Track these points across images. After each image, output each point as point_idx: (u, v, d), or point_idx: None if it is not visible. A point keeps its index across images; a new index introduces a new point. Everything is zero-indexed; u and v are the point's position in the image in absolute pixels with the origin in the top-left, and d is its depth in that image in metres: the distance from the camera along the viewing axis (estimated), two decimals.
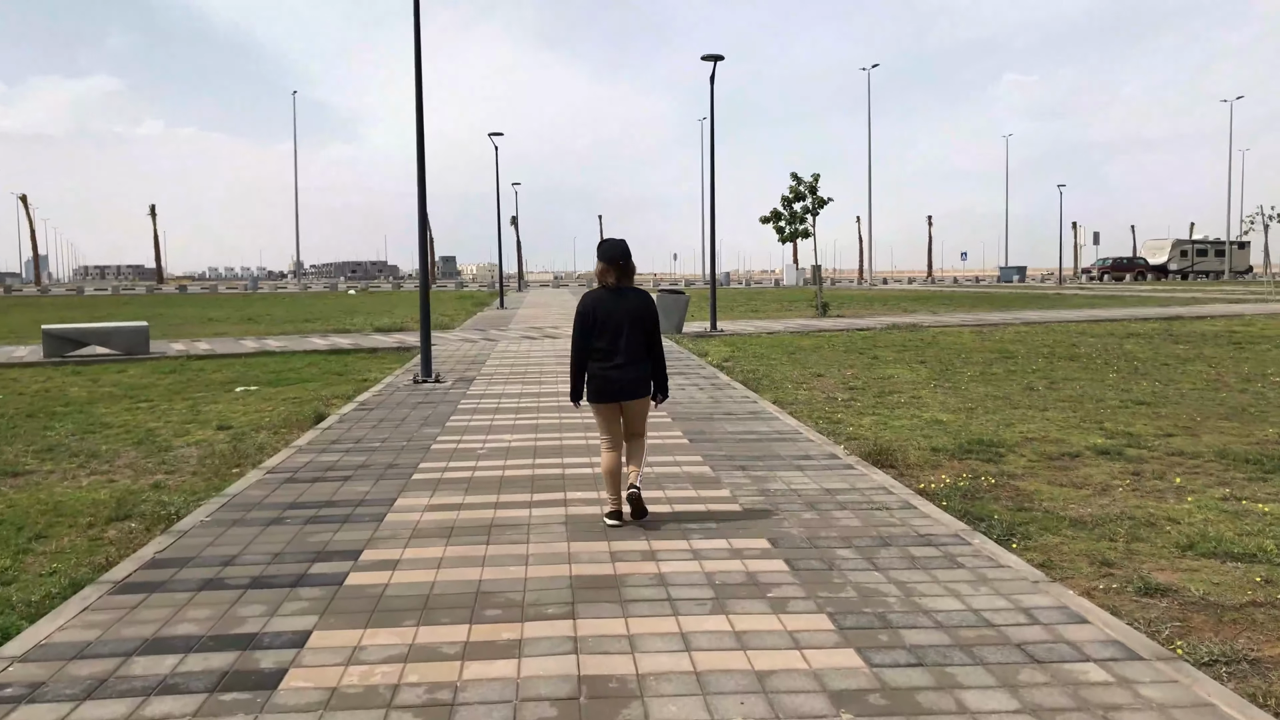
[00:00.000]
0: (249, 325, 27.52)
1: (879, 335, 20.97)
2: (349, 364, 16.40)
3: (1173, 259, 75.81)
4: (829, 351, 17.62)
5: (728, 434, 9.00)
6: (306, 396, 12.39)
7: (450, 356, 16.86)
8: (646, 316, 5.87)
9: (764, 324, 25.15)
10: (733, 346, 18.71)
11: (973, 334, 21.24)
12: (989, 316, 27.26)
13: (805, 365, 15.40)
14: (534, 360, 16.07)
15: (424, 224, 13.45)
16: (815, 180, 26.79)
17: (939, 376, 13.77)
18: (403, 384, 13.03)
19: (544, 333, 22.61)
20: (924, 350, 17.61)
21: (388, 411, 10.61)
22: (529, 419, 9.99)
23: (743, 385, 12.66)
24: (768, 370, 14.63)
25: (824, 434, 9.17)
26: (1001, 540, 5.66)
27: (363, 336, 21.88)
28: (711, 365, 15.18)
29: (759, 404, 10.92)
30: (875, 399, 11.64)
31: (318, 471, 7.55)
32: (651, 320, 5.91)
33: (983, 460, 8.06)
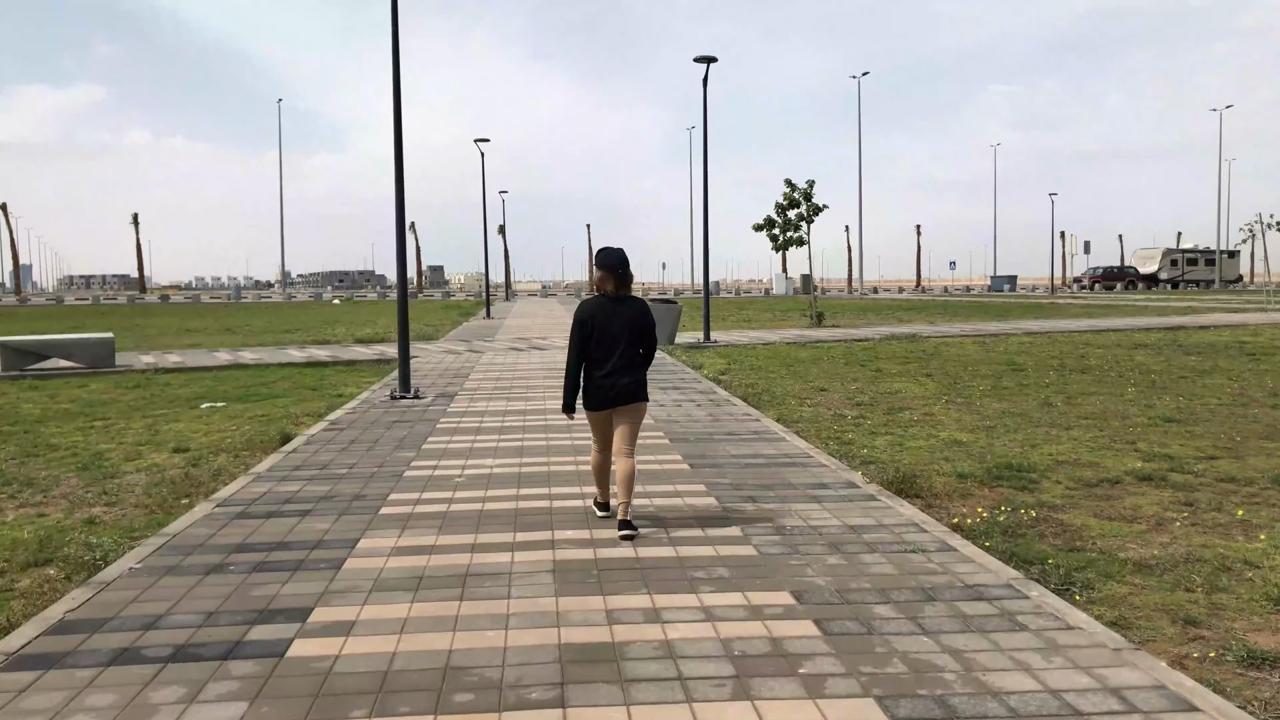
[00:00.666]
0: (226, 336, 26.61)
1: (879, 346, 20.22)
2: (325, 378, 15.54)
3: (1163, 268, 75.54)
4: (829, 364, 16.85)
5: (732, 458, 8.19)
6: (275, 414, 11.54)
7: (432, 370, 16.01)
8: (644, 325, 5.88)
9: (758, 334, 24.39)
10: (728, 359, 17.92)
11: (975, 345, 20.51)
12: (988, 326, 26.57)
13: (806, 379, 14.61)
14: (520, 374, 15.24)
15: (401, 233, 12.63)
16: (810, 187, 26.09)
17: (949, 391, 13.00)
18: (379, 400, 12.18)
19: (531, 344, 21.78)
20: (928, 362, 16.86)
21: (360, 432, 9.76)
22: (513, 440, 9.16)
23: (743, 401, 11.86)
24: (767, 384, 13.83)
25: (837, 457, 8.37)
26: (1061, 590, 4.87)
27: (342, 348, 21.01)
28: (708, 379, 14.38)
29: (762, 422, 10.12)
30: (885, 416, 10.86)
31: (275, 504, 6.70)
32: (649, 329, 5.94)
33: (1016, 488, 7.28)
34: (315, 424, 10.44)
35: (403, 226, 12.54)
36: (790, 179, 26.35)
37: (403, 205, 12.56)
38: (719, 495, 6.81)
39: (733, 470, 7.68)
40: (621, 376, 5.79)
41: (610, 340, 5.78)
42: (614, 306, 5.82)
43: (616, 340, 5.78)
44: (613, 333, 5.78)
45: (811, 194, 26.15)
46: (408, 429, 9.88)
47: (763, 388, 13.40)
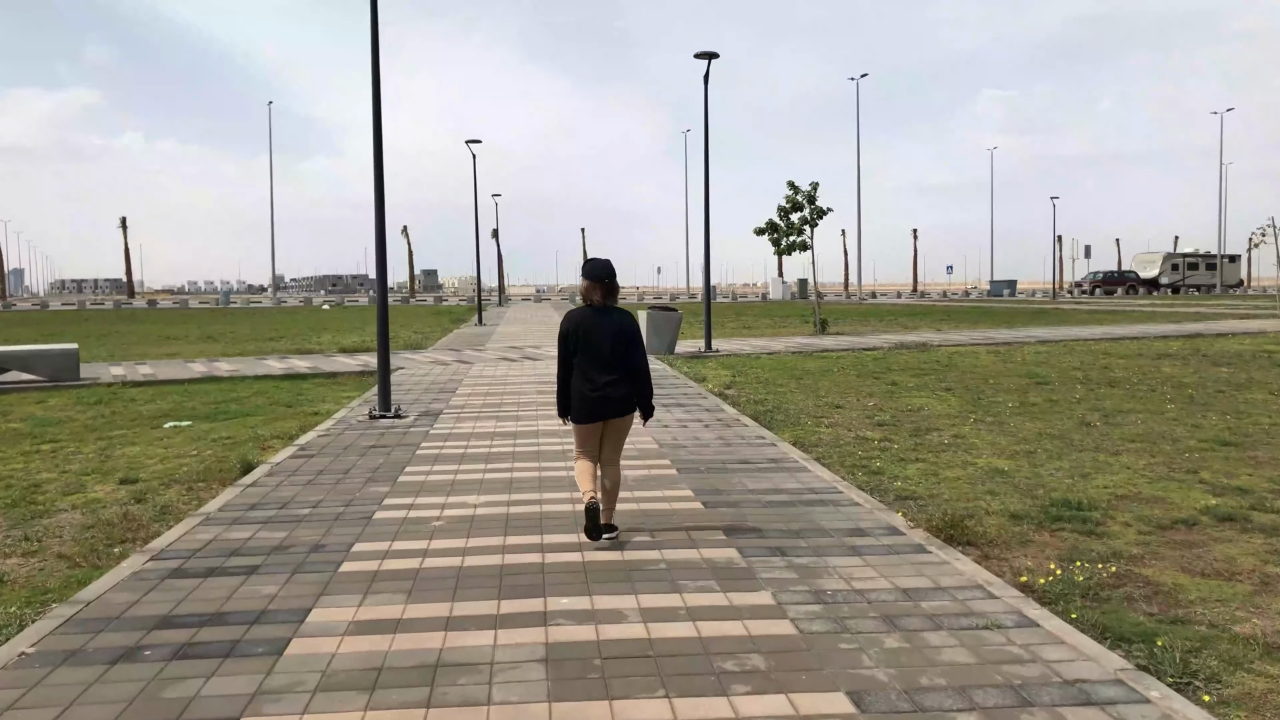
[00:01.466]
0: (207, 345, 25.55)
1: (889, 356, 19.24)
2: (302, 392, 14.51)
3: (1164, 272, 74.81)
4: (840, 376, 15.86)
5: (750, 494, 7.19)
6: (242, 436, 10.52)
7: (417, 384, 14.99)
8: (630, 335, 5.84)
9: (761, 343, 23.41)
10: (732, 370, 16.93)
11: (989, 354, 19.55)
12: (997, 334, 25.63)
13: (818, 393, 13.63)
14: (511, 388, 14.23)
15: (381, 239, 11.62)
16: (814, 189, 25.10)
17: (974, 408, 12.03)
18: (357, 420, 11.17)
19: (524, 354, 20.77)
20: (944, 374, 15.89)
21: (331, 459, 8.75)
22: (502, 471, 8.15)
23: (754, 421, 10.87)
24: (778, 400, 12.85)
25: (869, 491, 7.39)
26: (1182, 685, 3.89)
27: (325, 358, 19.98)
28: (712, 393, 13.38)
29: (778, 447, 9.13)
30: (912, 438, 9.87)
31: (219, 557, 5.69)
32: (634, 339, 5.87)
33: (1080, 532, 6.30)
34: (283, 449, 9.43)
35: (382, 232, 11.53)
36: (793, 181, 25.40)
37: (382, 210, 11.57)
38: (742, 546, 5.81)
39: (754, 510, 6.68)
40: (609, 389, 5.77)
41: (596, 351, 5.77)
42: (599, 317, 5.82)
43: (602, 351, 5.77)
44: (598, 343, 5.77)
45: (815, 196, 25.17)
46: (384, 456, 8.87)
47: (773, 404, 12.41)
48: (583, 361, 5.80)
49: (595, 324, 5.80)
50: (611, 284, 5.89)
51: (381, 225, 11.47)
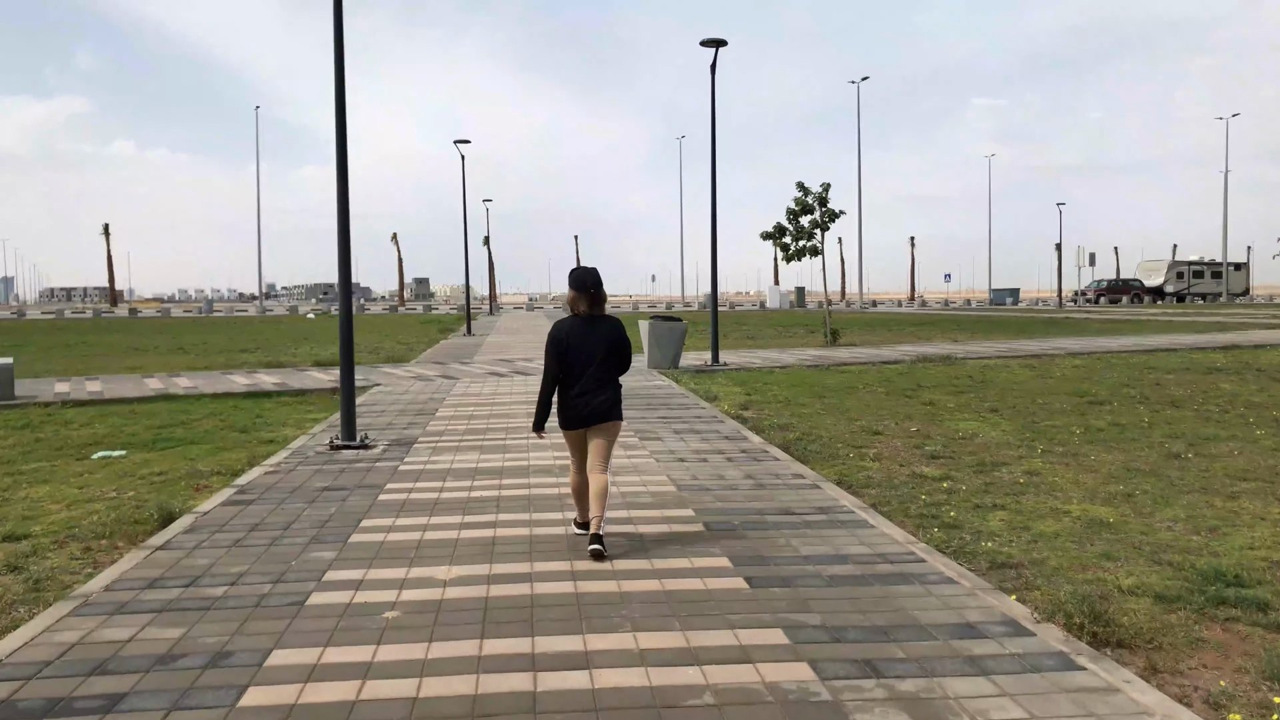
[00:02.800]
0: (176, 357, 23.82)
1: (914, 370, 17.60)
2: (262, 413, 12.81)
3: (1169, 281, 73.47)
4: (867, 394, 14.22)
5: (805, 564, 5.53)
6: (178, 471, 8.83)
7: (392, 404, 13.29)
8: (619, 345, 5.89)
9: (770, 355, 21.76)
10: (745, 386, 15.28)
11: (1023, 368, 17.93)
12: (1021, 345, 24.02)
13: (848, 415, 11.99)
14: (499, 409, 12.54)
15: (345, 240, 9.94)
16: (825, 191, 23.49)
17: (1033, 434, 10.40)
18: (316, 450, 9.48)
19: (514, 367, 19.07)
20: (983, 391, 14.27)
21: (272, 507, 7.06)
22: (482, 527, 6.47)
23: (784, 452, 9.21)
24: (805, 424, 11.19)
25: (955, 557, 5.73)
26: None
27: (297, 372, 18.26)
28: (729, 416, 11.73)
29: (823, 490, 7.47)
30: (978, 475, 8.23)
31: (72, 678, 4.01)
32: (623, 348, 5.92)
33: (1258, 624, 4.65)
34: (219, 491, 7.74)
35: (346, 237, 9.86)
36: (802, 182, 23.80)
37: (346, 212, 9.91)
38: (815, 659, 4.13)
39: (816, 592, 5.01)
40: (595, 395, 5.80)
41: (585, 360, 5.79)
42: (588, 326, 5.84)
43: (591, 360, 5.79)
44: (587, 352, 5.79)
45: (827, 198, 23.56)
46: (338, 503, 7.17)
47: (801, 429, 10.75)
48: (570, 370, 5.80)
49: (584, 333, 5.81)
50: (598, 293, 5.86)
51: (345, 228, 9.80)
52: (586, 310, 5.84)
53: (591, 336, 5.80)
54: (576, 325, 5.84)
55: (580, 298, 5.84)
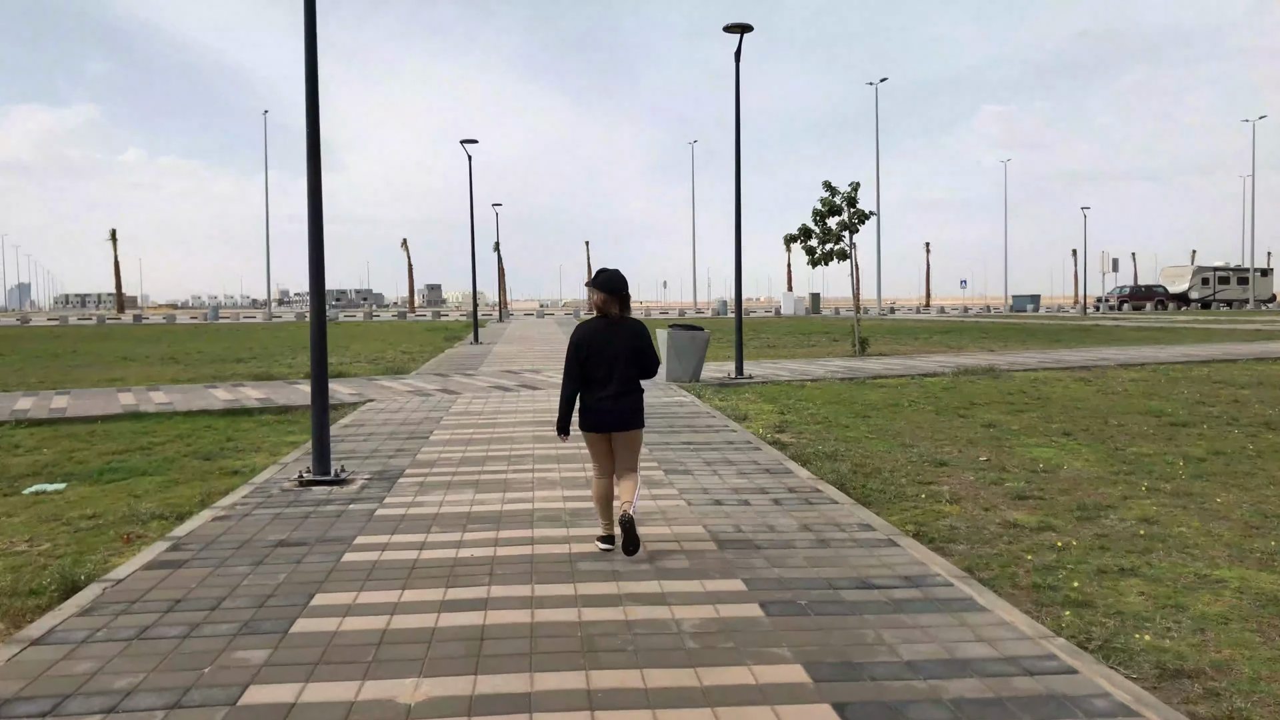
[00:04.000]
0: (165, 367, 22.41)
1: (960, 385, 16.03)
2: (236, 435, 11.35)
3: (1194, 287, 71.67)
4: (915, 412, 12.68)
5: (910, 675, 4.00)
6: (114, 514, 7.37)
7: (383, 425, 11.80)
8: (642, 348, 5.79)
9: (796, 366, 20.21)
10: (776, 403, 13.75)
11: (1077, 383, 16.35)
12: (1065, 356, 22.40)
13: (900, 438, 10.46)
14: (501, 431, 11.05)
15: (318, 232, 8.43)
16: (855, 190, 21.95)
17: (1124, 465, 8.86)
18: (282, 487, 7.99)
19: (521, 380, 17.56)
20: (1044, 410, 12.71)
21: (206, 572, 5.57)
22: (470, 608, 4.96)
23: (839, 490, 7.69)
24: (855, 451, 9.67)
25: (1107, 659, 4.20)
26: None
27: (285, 386, 16.80)
28: (764, 441, 10.20)
29: (901, 547, 5.94)
30: (1082, 523, 6.69)
31: None
32: (647, 352, 5.81)
33: None
34: (151, 544, 6.27)
35: (319, 232, 8.37)
36: (829, 181, 22.26)
37: (318, 202, 8.43)
38: None
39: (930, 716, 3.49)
40: (618, 401, 5.71)
41: (608, 363, 5.70)
42: (611, 328, 5.74)
43: (614, 363, 5.70)
44: (610, 355, 5.70)
45: (856, 198, 22.02)
46: (290, 567, 5.67)
47: (853, 459, 9.22)
48: (593, 373, 5.72)
49: (607, 335, 5.73)
50: (623, 295, 5.75)
51: (318, 227, 8.31)
52: (619, 313, 5.74)
53: (614, 340, 5.71)
54: (599, 328, 5.74)
55: (611, 300, 5.71)
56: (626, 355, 5.72)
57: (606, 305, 5.73)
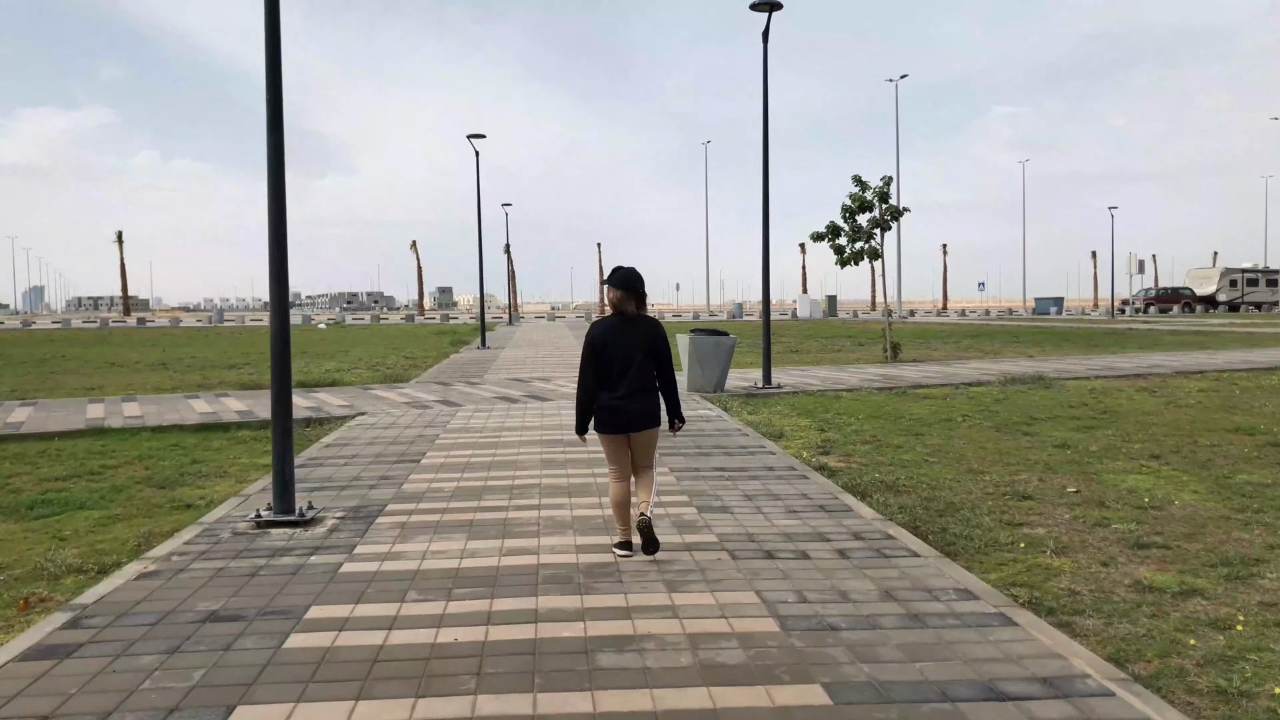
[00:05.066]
0: (152, 375, 21.11)
1: (1012, 396, 14.55)
2: (203, 456, 9.99)
3: (1221, 289, 69.76)
4: (971, 429, 11.23)
5: None
6: (24, 564, 6.00)
7: (370, 444, 10.41)
8: (658, 346, 5.69)
9: (826, 373, 18.74)
10: (813, 417, 12.31)
11: (1140, 393, 14.85)
12: (1115, 363, 20.87)
13: (965, 462, 9.02)
14: (504, 454, 9.65)
15: (279, 193, 7.02)
16: (886, 185, 20.49)
17: (1233, 494, 7.43)
18: (236, 529, 6.60)
19: (529, 389, 16.15)
20: (1118, 426, 11.24)
21: (106, 661, 4.18)
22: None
23: (913, 535, 6.26)
24: (917, 479, 8.23)
25: None
26: None
27: None
28: (809, 466, 8.78)
29: (1022, 626, 4.50)
30: (1237, 586, 5.25)
31: None
32: (663, 349, 5.72)
33: None
34: (47, 616, 4.89)
35: (281, 195, 6.97)
36: (859, 176, 20.80)
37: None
38: None
39: None
40: (635, 400, 5.59)
41: (623, 362, 5.58)
42: (626, 326, 5.65)
43: (629, 361, 5.59)
44: (625, 354, 5.59)
45: (888, 194, 20.56)
46: (218, 653, 4.26)
47: (918, 490, 7.78)
48: (609, 372, 5.60)
49: (623, 333, 5.62)
50: (639, 292, 5.68)
51: (280, 204, 6.92)
52: (635, 310, 5.66)
53: (629, 338, 5.62)
54: (614, 326, 5.67)
55: (627, 297, 5.64)
56: (642, 353, 5.61)
57: (623, 303, 5.63)
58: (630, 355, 5.59)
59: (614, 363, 5.59)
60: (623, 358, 5.58)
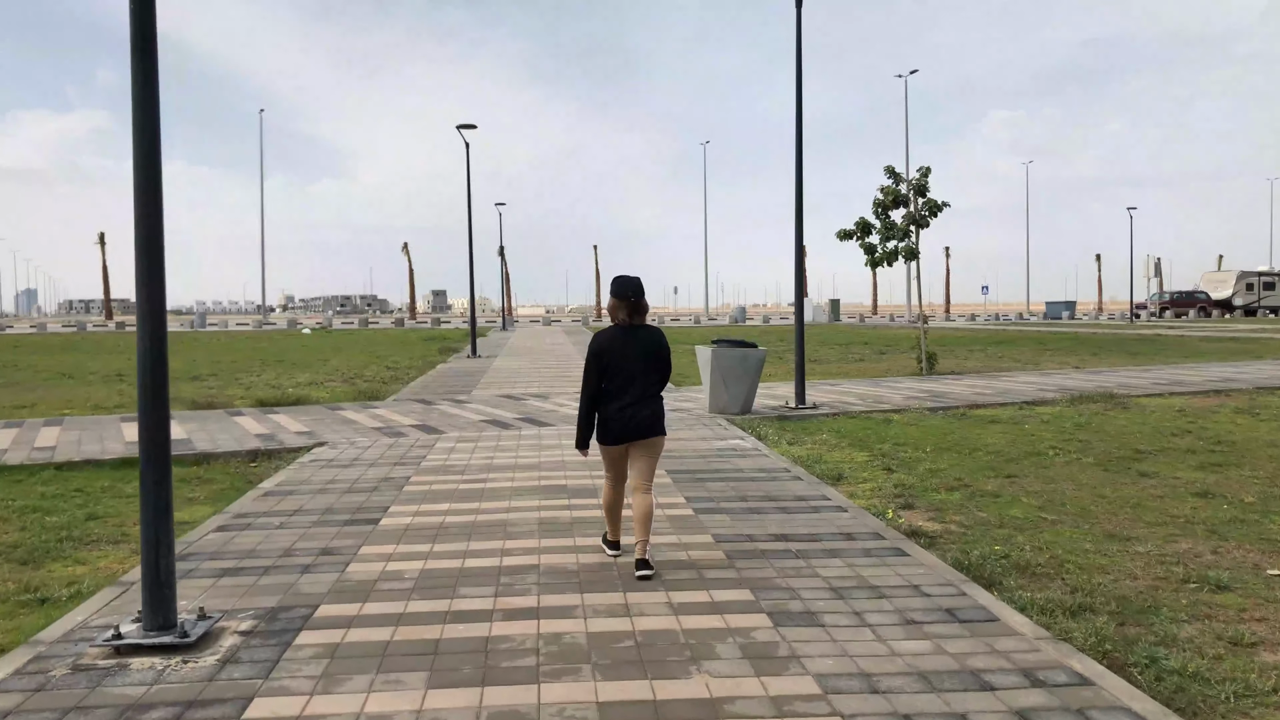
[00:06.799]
0: (102, 388, 18.86)
1: (1092, 419, 12.36)
2: (105, 508, 7.77)
3: (1237, 293, 67.82)
4: (1064, 464, 9.07)
5: None
6: None
7: (321, 492, 8.18)
8: (661, 355, 5.66)
9: (858, 388, 16.55)
10: (868, 449, 10.13)
11: (1243, 417, 12.69)
12: (1180, 375, 18.70)
13: (1093, 519, 6.87)
14: (491, 510, 7.44)
15: (152, 179, 4.81)
16: (924, 176, 18.34)
17: None
18: (79, 659, 4.39)
19: (523, 409, 13.91)
20: (1250, 461, 9.10)
21: None
22: None
23: (1112, 673, 4.06)
24: (1049, 552, 6.04)
25: None
26: None
27: (225, 417, 13.18)
28: (889, 524, 6.59)
29: None
30: None
31: None
32: (665, 359, 5.70)
33: None
34: None
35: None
36: (892, 167, 18.64)
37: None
38: None
39: None
40: (639, 409, 5.53)
41: (626, 372, 5.53)
42: (629, 336, 5.59)
43: (633, 371, 5.54)
44: (629, 364, 5.54)
45: (926, 187, 18.39)
46: None
47: (1069, 576, 5.59)
48: (611, 383, 5.53)
49: (625, 343, 5.57)
50: (638, 302, 5.61)
51: (154, 164, 4.71)
52: (626, 319, 5.59)
53: (632, 347, 5.56)
54: (617, 336, 5.59)
55: (620, 305, 5.60)
56: (645, 363, 5.57)
57: (614, 311, 5.62)
58: (634, 365, 5.53)
59: (618, 373, 5.52)
60: (627, 368, 5.52)
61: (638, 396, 5.51)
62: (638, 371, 5.53)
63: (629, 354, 5.53)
